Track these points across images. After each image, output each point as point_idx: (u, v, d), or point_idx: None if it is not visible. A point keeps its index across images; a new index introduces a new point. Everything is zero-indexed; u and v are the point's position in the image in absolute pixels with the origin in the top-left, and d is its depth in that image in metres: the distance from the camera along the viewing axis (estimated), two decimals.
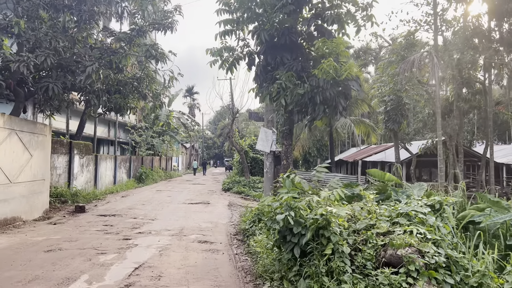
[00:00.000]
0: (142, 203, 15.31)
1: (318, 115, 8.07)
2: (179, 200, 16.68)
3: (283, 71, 8.18)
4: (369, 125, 25.14)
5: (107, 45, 12.20)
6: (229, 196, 19.18)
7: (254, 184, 21.59)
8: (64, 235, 8.79)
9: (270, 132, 13.95)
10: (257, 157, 25.47)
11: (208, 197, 18.45)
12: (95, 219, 11.10)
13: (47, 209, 12.00)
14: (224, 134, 63.99)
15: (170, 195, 18.99)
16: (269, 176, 13.97)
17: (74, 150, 16.99)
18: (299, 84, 8.09)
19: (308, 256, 5.00)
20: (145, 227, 9.98)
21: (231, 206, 15.11)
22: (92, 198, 15.82)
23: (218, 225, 10.66)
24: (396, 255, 4.88)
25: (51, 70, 11.34)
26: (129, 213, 12.46)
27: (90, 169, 19.06)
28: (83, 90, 11.92)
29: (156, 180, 28.80)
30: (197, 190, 22.10)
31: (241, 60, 8.85)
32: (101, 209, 13.30)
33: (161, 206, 14.45)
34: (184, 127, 37.85)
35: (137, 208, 13.60)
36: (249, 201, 18.10)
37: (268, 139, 13.96)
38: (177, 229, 9.88)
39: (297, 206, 5.16)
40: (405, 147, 15.26)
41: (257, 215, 8.60)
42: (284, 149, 9.03)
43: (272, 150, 13.94)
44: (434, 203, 6.36)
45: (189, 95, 67.14)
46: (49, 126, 12.33)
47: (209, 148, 78.30)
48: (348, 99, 8.16)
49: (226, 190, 21.92)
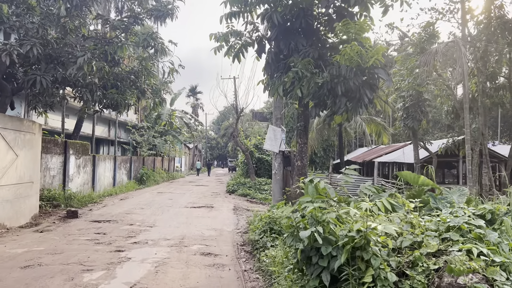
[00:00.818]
0: (141, 207, 14.26)
1: (339, 108, 6.97)
2: (180, 203, 15.61)
3: (298, 58, 7.08)
4: (380, 124, 23.97)
5: (101, 34, 11.16)
6: (234, 199, 18.10)
7: (260, 186, 20.49)
8: (49, 245, 7.74)
9: (279, 131, 12.88)
10: (263, 158, 24.37)
11: (211, 200, 17.39)
12: (88, 226, 10.05)
13: (36, 214, 10.98)
14: (228, 134, 62.95)
15: (172, 197, 17.94)
16: (278, 178, 12.90)
17: (70, 150, 15.98)
18: (317, 73, 6.99)
19: (341, 284, 3.90)
20: (142, 236, 8.91)
21: (236, 210, 14.03)
22: (88, 201, 14.79)
23: (223, 233, 9.58)
24: (457, 284, 3.77)
25: (40, 62, 10.31)
26: (126, 218, 11.40)
27: (88, 170, 18.06)
28: (75, 84, 10.89)
29: (158, 182, 27.78)
30: (200, 192, 21.05)
31: (250, 46, 7.78)
32: (96, 214, 12.26)
33: (161, 210, 13.39)
34: (187, 127, 36.83)
35: (135, 213, 12.55)
36: (255, 204, 17.03)
37: (277, 138, 12.89)
38: (177, 238, 8.81)
39: (325, 220, 4.05)
40: (425, 146, 14.14)
41: (268, 223, 7.51)
42: (299, 148, 7.94)
43: (281, 150, 12.88)
44: (484, 212, 5.25)
45: (192, 95, 66.18)
46: (39, 124, 11.31)
47: (213, 148, 77.31)
48: (375, 90, 7.05)
49: (230, 192, 20.84)
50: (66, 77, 10.32)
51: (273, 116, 13.17)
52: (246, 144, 23.63)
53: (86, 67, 9.74)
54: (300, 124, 8.03)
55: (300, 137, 8.01)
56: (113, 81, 12.23)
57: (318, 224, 4.02)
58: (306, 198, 4.68)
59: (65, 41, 10.63)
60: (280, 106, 13.02)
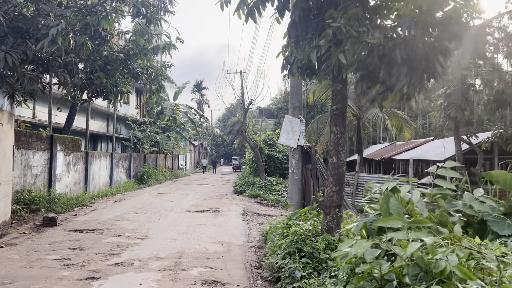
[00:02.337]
0: (136, 210, 12.31)
1: (397, 82, 4.93)
2: (182, 206, 13.64)
3: (339, 12, 5.02)
4: (402, 118, 21.82)
5: (83, 2, 9.21)
6: (242, 201, 16.10)
7: (272, 186, 18.46)
8: (0, 270, 5.80)
9: (297, 122, 10.84)
10: (274, 155, 22.32)
11: (217, 202, 15.40)
12: (64, 238, 8.11)
13: (5, 222, 9.06)
14: (234, 131, 60.91)
15: (173, 199, 15.99)
16: (296, 178, 10.87)
17: (57, 146, 14.08)
18: (365, 32, 4.92)
19: None
20: (128, 253, 6.93)
21: (246, 216, 12.02)
22: (76, 204, 12.88)
23: (232, 248, 7.58)
24: None
25: (7, 36, 8.36)
26: (114, 226, 9.45)
27: (79, 168, 16.17)
28: (50, 64, 8.93)
29: (160, 181, 25.89)
30: (205, 193, 19.08)
31: (268, 2, 5.77)
32: (80, 220, 10.32)
33: (158, 215, 11.42)
34: (192, 123, 34.87)
35: (127, 219, 10.60)
36: (267, 207, 15.02)
37: (295, 131, 10.85)
38: (174, 256, 6.82)
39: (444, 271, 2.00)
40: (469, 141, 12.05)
41: (294, 242, 5.47)
42: (334, 139, 5.91)
43: (299, 145, 10.85)
44: None
45: (197, 91, 64.26)
46: (8, 113, 9.40)
47: (218, 146, 75.44)
48: (447, 56, 4.98)
49: (238, 193, 18.84)
50: (37, 54, 8.36)
51: (289, 105, 11.13)
52: (255, 139, 21.57)
53: (60, 40, 7.75)
54: (337, 107, 5.97)
55: (336, 125, 5.97)
56: (100, 63, 10.25)
57: (433, 282, 1.96)
58: (388, 221, 2.60)
59: (39, 11, 8.65)
60: (298, 92, 10.97)
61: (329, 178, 5.98)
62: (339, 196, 5.87)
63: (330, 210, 5.83)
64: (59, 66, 9.05)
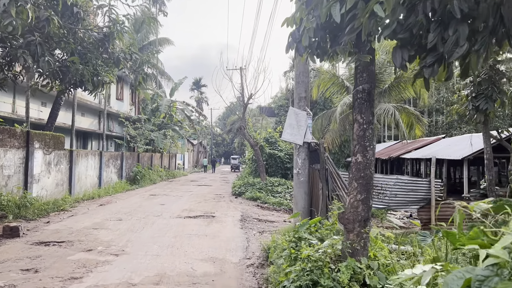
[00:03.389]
0: (119, 216, 10.86)
1: (455, 47, 3.43)
2: (173, 210, 12.18)
3: None
4: (413, 114, 20.31)
5: None
6: (241, 204, 14.63)
7: (273, 188, 16.98)
8: None
9: (303, 115, 9.37)
10: (275, 154, 20.81)
11: (213, 205, 13.94)
12: (21, 254, 6.65)
13: None
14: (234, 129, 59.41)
15: (165, 202, 14.53)
16: (302, 180, 9.39)
17: (35, 143, 12.65)
18: None
19: None
20: (92, 277, 5.47)
21: (245, 222, 10.57)
22: (53, 209, 11.43)
23: (226, 268, 6.11)
24: None
25: None
26: (88, 237, 7.99)
27: (62, 168, 14.72)
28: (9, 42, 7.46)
29: (154, 181, 24.43)
30: (201, 195, 17.61)
31: None
32: (51, 229, 8.85)
33: (143, 222, 9.96)
34: (189, 120, 33.39)
35: (106, 227, 9.14)
36: (268, 211, 13.57)
37: (301, 125, 9.39)
38: (150, 281, 5.36)
39: None
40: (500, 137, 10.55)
41: (308, 272, 4.00)
42: (359, 131, 4.44)
43: (306, 142, 9.38)
44: None
45: (196, 88, 62.75)
46: None
47: (218, 145, 73.94)
48: None
49: (237, 194, 17.37)
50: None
51: (294, 95, 9.64)
52: (255, 137, 20.08)
53: (14, 12, 6.30)
54: (363, 89, 4.50)
55: (361, 112, 4.49)
56: (74, 46, 8.78)
57: None
58: None
59: None
60: (305, 80, 9.49)
61: (352, 182, 4.51)
62: (366, 206, 4.41)
63: (354, 225, 4.37)
64: (20, 46, 7.58)
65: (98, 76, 10.28)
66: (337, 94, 20.40)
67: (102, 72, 10.35)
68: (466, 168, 17.07)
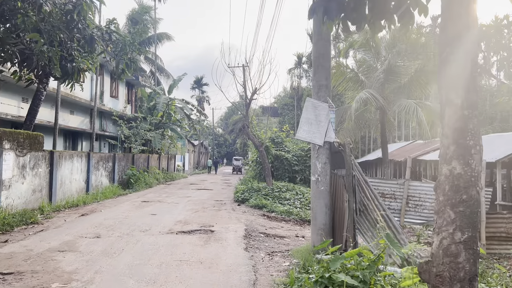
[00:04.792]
0: (98, 231, 8.98)
1: None
2: (164, 223, 10.30)
3: None
4: (434, 112, 18.38)
5: None
6: (244, 214, 12.74)
7: (280, 194, 15.08)
8: None
9: (323, 108, 7.49)
10: (282, 155, 18.88)
11: (212, 215, 12.05)
12: None
13: None
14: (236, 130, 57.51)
15: (157, 211, 12.66)
16: (321, 190, 7.51)
17: (4, 144, 10.81)
18: None
19: None
20: None
21: (250, 239, 8.68)
22: (20, 222, 9.58)
23: None
24: None
25: None
26: (46, 266, 6.11)
27: (41, 172, 12.86)
28: None
29: (150, 184, 22.57)
30: (200, 201, 15.74)
31: None
32: (2, 254, 6.96)
33: (125, 241, 8.08)
34: (188, 119, 31.50)
35: (75, 249, 7.26)
36: (275, 222, 11.69)
37: (321, 120, 7.52)
38: None
39: None
40: None
41: None
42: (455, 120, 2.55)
43: (327, 141, 7.49)
44: None
45: (197, 87, 60.90)
46: None
47: (220, 146, 72.06)
48: None
49: (240, 201, 15.48)
50: None
51: (312, 84, 7.72)
52: (260, 137, 18.13)
53: None
54: None
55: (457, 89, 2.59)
56: (34, 19, 6.92)
57: None
58: None
59: None
60: (325, 64, 7.55)
61: (445, 210, 2.60)
62: (471, 254, 2.50)
63: (451, 286, 2.46)
64: None
65: (72, 62, 8.44)
66: (351, 90, 18.54)
67: (78, 58, 8.51)
68: (499, 171, 15.09)
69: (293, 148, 19.64)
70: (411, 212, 8.45)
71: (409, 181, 8.98)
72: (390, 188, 9.03)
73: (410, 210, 8.65)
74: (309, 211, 13.76)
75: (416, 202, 8.16)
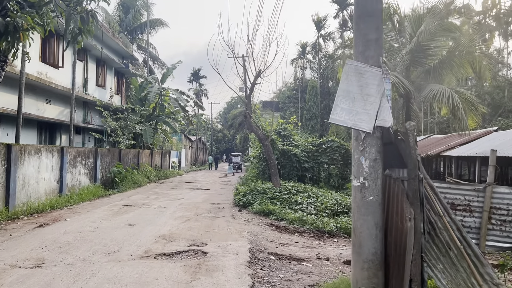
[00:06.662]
0: (43, 256, 6.40)
1: None
2: (142, 240, 7.71)
3: None
4: (466, 100, 15.77)
5: None
6: (247, 223, 10.15)
7: (290, 197, 12.49)
8: None
9: (374, 74, 4.91)
10: (289, 150, 16.24)
11: (207, 226, 9.46)
12: None
13: None
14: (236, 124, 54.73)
15: (137, 220, 10.07)
16: (369, 200, 4.88)
17: None
18: None
19: None
20: None
21: (257, 268, 6.12)
22: None
23: None
24: None
25: None
26: None
27: None
28: None
29: (139, 183, 19.98)
30: (193, 205, 13.15)
31: None
32: None
33: (74, 275, 5.49)
34: (183, 111, 28.86)
35: None
36: (288, 234, 9.16)
37: (369, 95, 4.96)
38: None
39: None
40: None
41: None
42: None
43: (379, 126, 4.91)
44: None
45: (195, 80, 58.17)
46: None
47: (219, 141, 69.33)
48: None
49: (241, 206, 12.89)
50: None
51: (355, 37, 5.09)
52: (264, 128, 15.48)
53: None
54: None
55: None
56: None
57: None
58: None
59: None
60: (376, 11, 4.94)
61: None
62: None
63: None
64: None
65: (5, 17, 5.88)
66: None
67: (14, 12, 5.93)
68: None
69: (302, 142, 17.04)
70: (495, 231, 5.96)
71: (494, 186, 6.32)
72: (463, 195, 6.40)
73: (494, 229, 6.11)
74: (327, 219, 11.22)
75: (503, 217, 5.65)
